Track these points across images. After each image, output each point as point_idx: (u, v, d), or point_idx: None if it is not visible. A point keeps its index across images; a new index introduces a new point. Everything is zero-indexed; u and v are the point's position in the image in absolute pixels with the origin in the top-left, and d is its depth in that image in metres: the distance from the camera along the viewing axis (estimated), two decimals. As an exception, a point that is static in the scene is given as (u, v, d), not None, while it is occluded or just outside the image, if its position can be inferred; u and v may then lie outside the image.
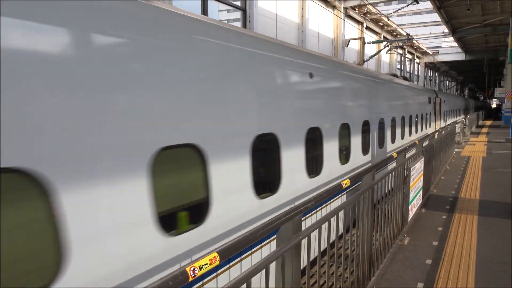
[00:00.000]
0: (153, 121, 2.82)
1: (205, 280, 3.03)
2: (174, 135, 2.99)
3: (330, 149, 6.05)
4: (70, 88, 2.29)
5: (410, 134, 12.31)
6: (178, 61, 3.07)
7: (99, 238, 2.42)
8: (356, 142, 7.19)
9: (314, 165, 5.55)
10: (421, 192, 6.69)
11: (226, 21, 15.07)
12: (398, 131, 10.69)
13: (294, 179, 4.89)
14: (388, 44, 22.44)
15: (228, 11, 13.88)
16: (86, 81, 2.37)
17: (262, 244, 3.83)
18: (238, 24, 12.46)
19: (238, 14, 12.51)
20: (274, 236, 2.50)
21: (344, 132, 6.64)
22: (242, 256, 3.56)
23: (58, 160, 2.21)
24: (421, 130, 14.32)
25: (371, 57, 20.40)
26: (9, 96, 1.98)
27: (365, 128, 7.78)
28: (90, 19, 2.44)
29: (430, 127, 16.17)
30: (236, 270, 3.41)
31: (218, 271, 3.20)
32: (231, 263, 3.38)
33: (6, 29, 1.99)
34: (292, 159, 4.81)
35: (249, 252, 3.65)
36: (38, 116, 2.13)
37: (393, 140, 10.18)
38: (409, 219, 5.81)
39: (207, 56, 3.44)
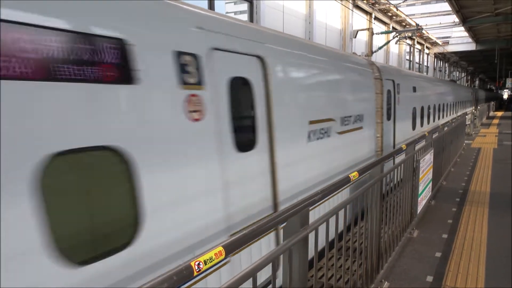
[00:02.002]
0: None
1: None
2: None
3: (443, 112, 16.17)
4: None
5: (465, 108, 25.17)
6: None
7: None
8: (451, 109, 18.62)
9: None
10: (430, 184, 6.61)
11: (232, 13, 14.95)
12: (463, 107, 24.38)
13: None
14: (397, 34, 22.08)
15: (235, 3, 13.76)
16: None
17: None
18: (245, 15, 12.35)
19: (245, 6, 12.39)
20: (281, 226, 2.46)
21: (452, 105, 19.26)
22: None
23: None
24: (469, 107, 27.99)
25: (380, 48, 20.11)
26: None
27: (453, 105, 19.49)
28: None
29: (472, 107, 30.02)
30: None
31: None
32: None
33: None
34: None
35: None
36: None
37: (461, 110, 22.44)
38: (418, 212, 5.75)
39: None
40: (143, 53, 2.63)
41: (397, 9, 23.07)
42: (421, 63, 34.00)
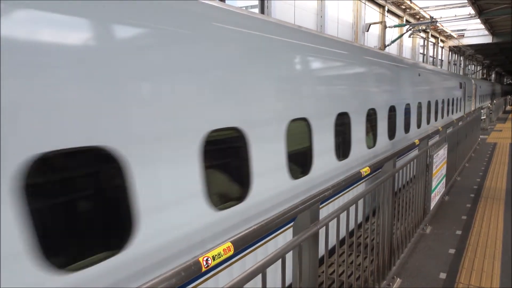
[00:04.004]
0: None
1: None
2: None
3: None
4: None
5: (499, 96, 42.18)
6: None
7: None
8: (492, 96, 37.38)
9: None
10: (444, 179, 6.50)
11: (244, 8, 14.87)
12: (498, 95, 43.93)
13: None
14: (411, 28, 21.72)
15: (246, -3, 13.73)
16: None
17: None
18: (256, 10, 12.27)
19: (256, 1, 12.32)
20: (290, 224, 2.44)
21: (492, 94, 38.50)
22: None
23: None
24: (500, 96, 44.91)
25: (393, 41, 19.83)
26: None
27: (493, 94, 38.56)
28: None
29: (500, 96, 43.63)
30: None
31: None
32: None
33: None
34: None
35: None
36: None
37: (497, 97, 40.78)
38: (431, 208, 5.66)
39: None
40: (467, 84, 19.71)
41: (411, 2, 22.67)
42: (435, 56, 33.41)
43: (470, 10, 24.56)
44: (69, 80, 2.16)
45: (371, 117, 6.50)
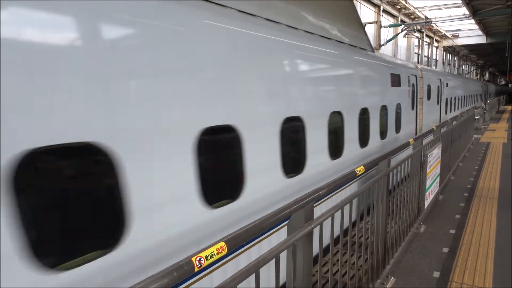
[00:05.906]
0: None
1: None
2: None
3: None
4: None
5: (492, 97, 42.84)
6: None
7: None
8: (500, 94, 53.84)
9: None
10: (438, 179, 6.53)
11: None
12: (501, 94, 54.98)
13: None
14: (406, 27, 21.80)
15: None
16: None
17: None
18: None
19: None
20: (285, 223, 2.43)
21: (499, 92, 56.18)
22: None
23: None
24: (494, 96, 46.73)
25: (388, 41, 19.88)
26: None
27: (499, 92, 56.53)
28: None
29: (494, 96, 46.72)
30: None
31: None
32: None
33: None
34: None
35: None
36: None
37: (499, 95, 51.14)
38: (425, 207, 5.68)
39: None
40: (484, 86, 34.55)
41: (406, 2, 22.75)
42: (430, 56, 33.59)
43: (464, 10, 24.71)
44: None
45: (467, 97, 21.20)
